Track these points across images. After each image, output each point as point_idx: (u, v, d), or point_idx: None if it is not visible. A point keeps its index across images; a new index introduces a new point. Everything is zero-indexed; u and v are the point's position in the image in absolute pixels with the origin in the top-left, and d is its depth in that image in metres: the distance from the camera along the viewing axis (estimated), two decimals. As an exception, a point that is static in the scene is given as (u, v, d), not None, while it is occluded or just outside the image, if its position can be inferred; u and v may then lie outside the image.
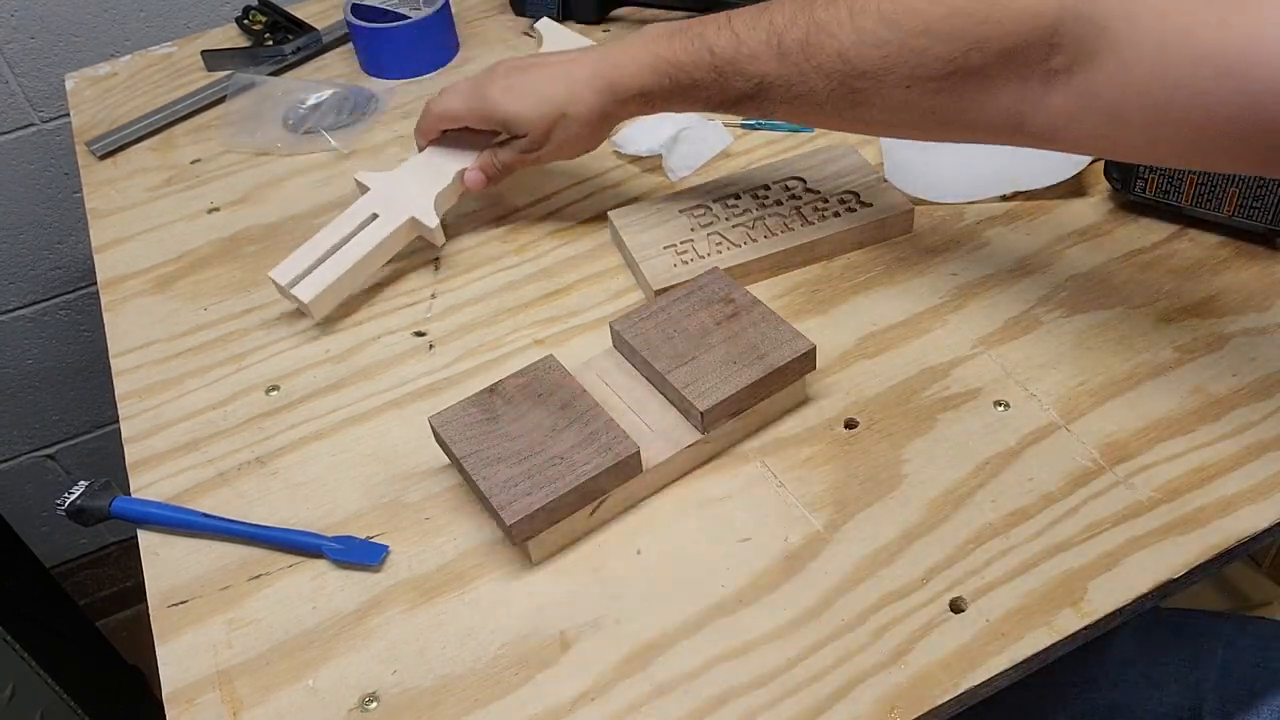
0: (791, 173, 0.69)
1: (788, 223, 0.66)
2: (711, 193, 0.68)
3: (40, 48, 0.99)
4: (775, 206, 0.67)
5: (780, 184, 0.69)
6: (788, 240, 0.65)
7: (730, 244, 0.65)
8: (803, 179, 0.69)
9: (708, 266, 0.61)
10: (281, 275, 0.65)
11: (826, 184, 0.68)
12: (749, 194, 0.68)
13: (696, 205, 0.68)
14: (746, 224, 0.66)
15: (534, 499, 0.49)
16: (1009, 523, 0.51)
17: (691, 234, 0.66)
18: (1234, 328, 0.59)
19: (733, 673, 0.47)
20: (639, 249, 0.65)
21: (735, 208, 0.67)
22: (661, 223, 0.67)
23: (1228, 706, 0.59)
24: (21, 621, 0.99)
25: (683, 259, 0.64)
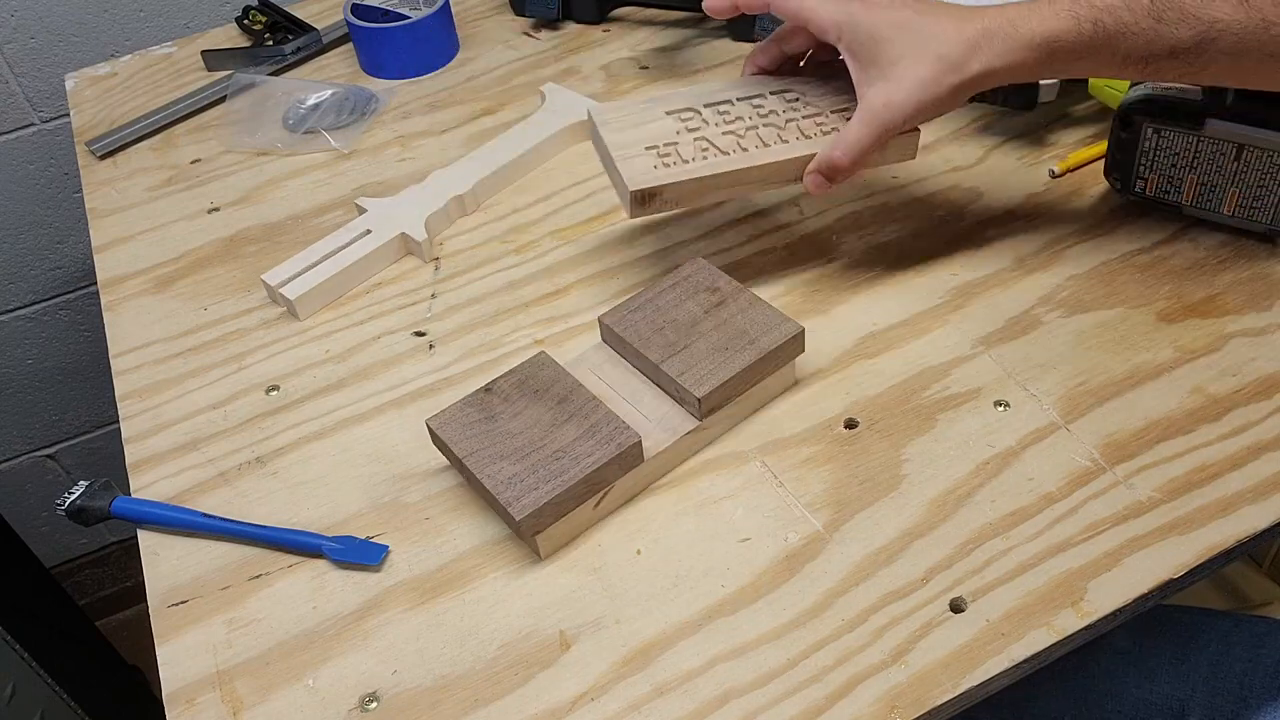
0: (790, 84, 0.64)
1: (782, 134, 0.60)
2: (702, 97, 0.63)
3: (40, 48, 0.98)
4: (771, 117, 0.61)
5: (777, 95, 0.63)
6: (780, 153, 0.59)
7: (718, 150, 0.59)
8: (803, 93, 0.63)
9: (691, 172, 0.57)
10: (272, 278, 0.67)
11: (825, 100, 0.63)
12: (744, 101, 0.62)
13: (685, 109, 0.62)
14: (737, 132, 0.60)
15: (541, 493, 0.49)
16: (1009, 523, 0.51)
17: (677, 137, 0.60)
18: (1234, 328, 0.59)
19: (733, 673, 0.47)
20: (617, 147, 0.59)
21: (727, 114, 0.62)
22: (645, 122, 0.61)
23: (1217, 700, 0.59)
24: (21, 621, 0.99)
25: (664, 160, 0.58)
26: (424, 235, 0.69)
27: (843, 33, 0.55)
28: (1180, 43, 0.51)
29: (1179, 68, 0.52)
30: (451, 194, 0.72)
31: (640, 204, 0.57)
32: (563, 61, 0.87)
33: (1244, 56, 0.50)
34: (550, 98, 0.80)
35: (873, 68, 0.55)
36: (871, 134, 0.55)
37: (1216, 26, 0.50)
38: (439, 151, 0.79)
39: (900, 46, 0.54)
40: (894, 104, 0.54)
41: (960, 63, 0.53)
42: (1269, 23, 0.49)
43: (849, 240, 0.67)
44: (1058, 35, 0.52)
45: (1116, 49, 0.52)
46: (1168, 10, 0.50)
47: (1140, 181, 0.65)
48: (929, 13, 0.54)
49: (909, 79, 0.54)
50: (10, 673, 0.95)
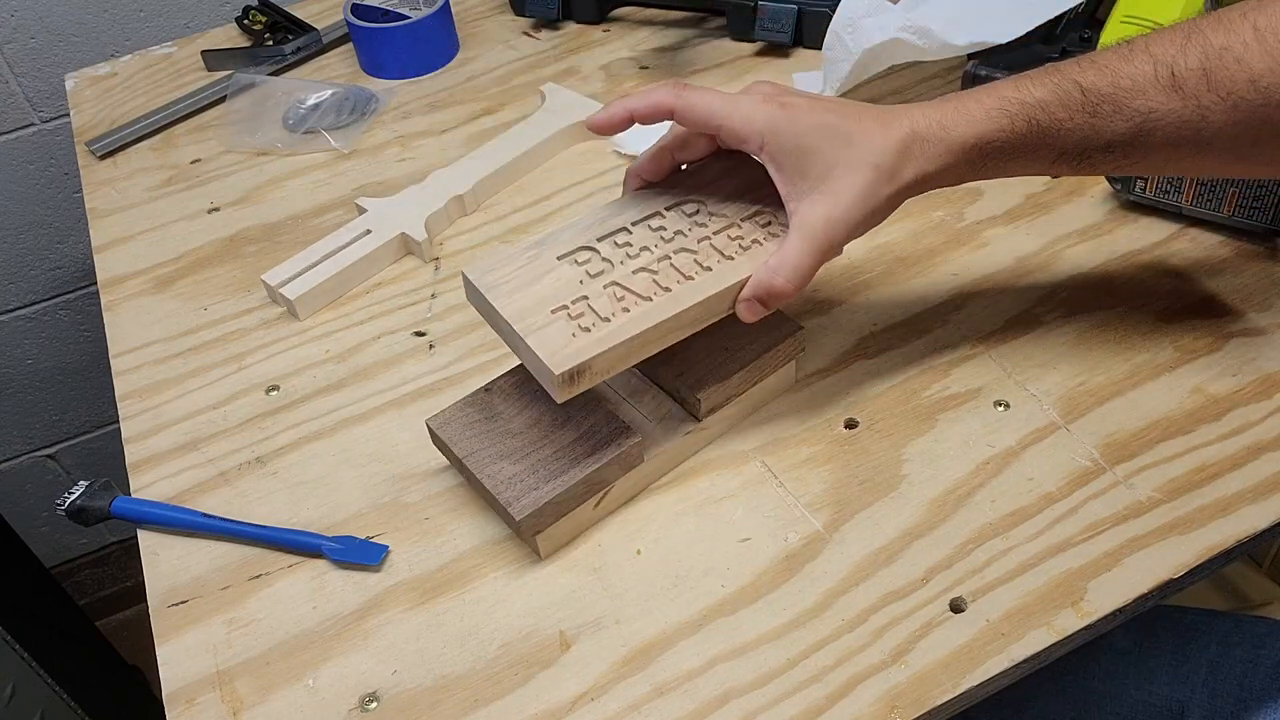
0: (685, 194, 0.54)
1: (699, 260, 0.51)
2: (593, 230, 0.52)
3: (40, 48, 0.98)
4: (679, 239, 0.52)
5: (675, 210, 0.53)
6: (710, 285, 0.50)
7: (638, 297, 0.49)
8: (702, 201, 0.54)
9: (618, 333, 0.47)
10: (272, 278, 0.67)
11: (731, 205, 0.53)
12: (641, 226, 0.52)
13: (579, 249, 0.51)
14: (649, 267, 0.50)
15: (541, 493, 0.49)
16: (1009, 523, 0.51)
17: (582, 287, 0.49)
18: (1234, 328, 0.59)
19: (733, 673, 0.47)
20: (519, 318, 0.48)
21: (629, 247, 0.51)
22: (539, 276, 0.49)
23: (1216, 700, 0.59)
24: (21, 621, 0.99)
25: (580, 324, 0.48)
26: (424, 235, 0.69)
27: (765, 142, 0.49)
28: (1116, 136, 0.49)
29: (1115, 160, 0.50)
30: (451, 194, 0.72)
31: (568, 385, 0.47)
32: (563, 61, 0.87)
33: (1181, 146, 0.49)
34: (550, 98, 0.80)
35: (802, 180, 0.49)
36: (813, 254, 0.49)
37: (1152, 118, 0.48)
38: (439, 151, 0.79)
39: (830, 155, 0.49)
40: (835, 220, 0.49)
41: (893, 170, 0.49)
42: (1205, 109, 0.47)
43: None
44: (990, 137, 0.49)
45: (1052, 146, 0.50)
46: (1102, 104, 0.48)
47: (1140, 181, 0.65)
48: (853, 116, 0.50)
49: (847, 192, 0.49)
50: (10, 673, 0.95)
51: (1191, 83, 0.47)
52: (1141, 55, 0.48)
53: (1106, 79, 0.48)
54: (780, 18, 0.83)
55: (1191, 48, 0.47)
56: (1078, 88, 0.49)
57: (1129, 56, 0.48)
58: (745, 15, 0.85)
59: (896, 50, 0.73)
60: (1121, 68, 0.48)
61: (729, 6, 0.86)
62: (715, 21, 0.90)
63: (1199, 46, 0.47)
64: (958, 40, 0.70)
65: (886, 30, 0.72)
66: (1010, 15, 0.70)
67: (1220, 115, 0.47)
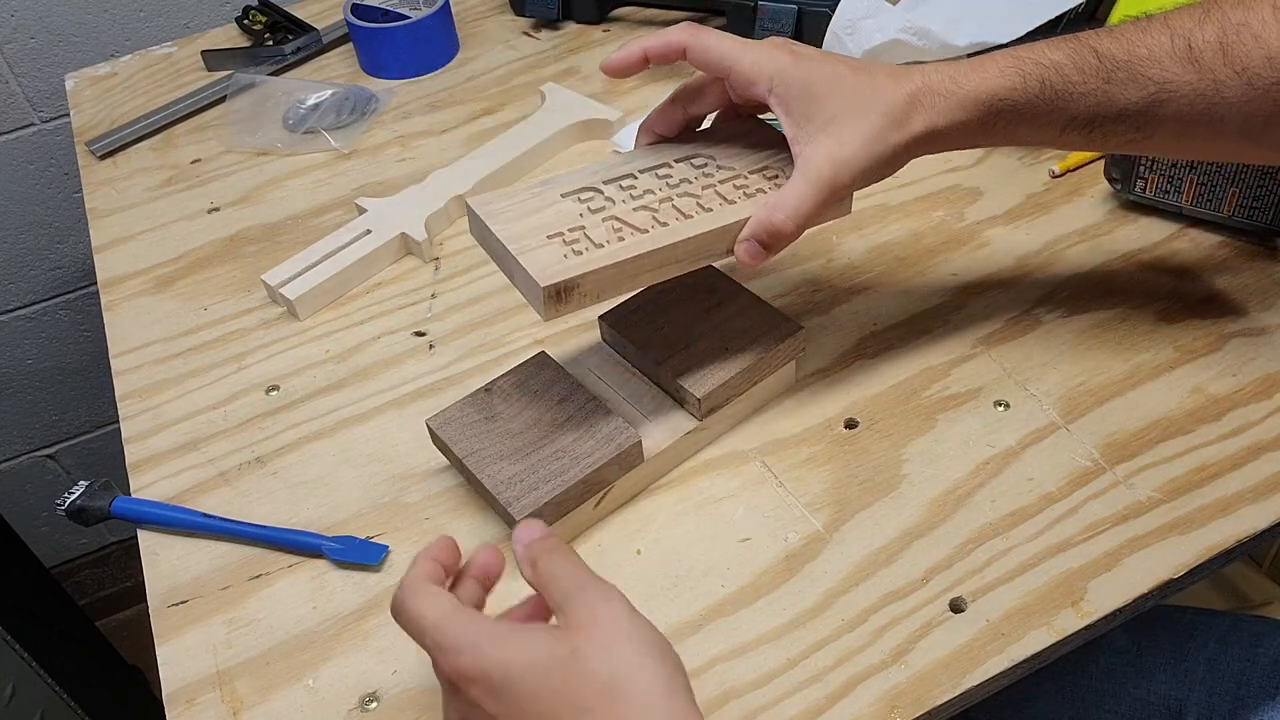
0: (694, 149, 0.55)
1: (701, 203, 0.51)
2: (600, 174, 0.53)
3: (40, 48, 0.98)
4: (684, 185, 0.52)
5: (684, 162, 0.54)
6: (706, 223, 0.50)
7: (633, 229, 0.50)
8: (712, 156, 0.55)
9: (609, 256, 0.48)
10: (272, 278, 0.67)
11: (739, 160, 0.54)
12: (648, 173, 0.53)
13: (583, 189, 0.52)
14: (650, 206, 0.51)
15: (540, 493, 0.49)
16: (1009, 523, 0.51)
17: (581, 220, 0.50)
18: (1234, 328, 0.59)
19: (733, 672, 0.47)
20: (514, 240, 0.49)
21: (633, 189, 0.52)
22: (540, 209, 0.51)
23: (1214, 699, 0.59)
24: (21, 621, 0.99)
25: (574, 248, 0.48)
26: (424, 235, 0.69)
27: (774, 85, 0.49)
28: (1129, 105, 0.48)
29: (1127, 132, 0.50)
30: (451, 194, 0.72)
31: (555, 301, 0.47)
32: (563, 61, 0.87)
33: (1193, 121, 0.48)
34: (550, 98, 0.80)
35: (809, 124, 0.49)
36: (816, 194, 0.48)
37: (1166, 88, 0.47)
38: (439, 151, 0.79)
39: (838, 101, 0.48)
40: (839, 160, 0.48)
41: (902, 120, 0.48)
42: (1220, 84, 0.47)
43: (849, 240, 0.67)
44: (1002, 94, 0.49)
45: (1064, 110, 0.49)
46: (1117, 71, 0.48)
47: (1140, 181, 0.65)
48: (864, 69, 0.50)
49: (853, 135, 0.48)
50: (10, 673, 0.95)
51: (1208, 56, 0.47)
52: (1159, 27, 0.48)
53: (1123, 46, 0.48)
54: (780, 18, 0.83)
55: (1210, 22, 0.47)
56: (1093, 53, 0.48)
57: (1147, 28, 0.48)
58: (745, 15, 0.85)
59: (896, 51, 0.73)
60: (1139, 37, 0.48)
61: (729, 6, 0.86)
62: (715, 21, 0.90)
63: (1217, 21, 0.47)
64: (958, 41, 0.70)
65: (886, 31, 0.72)
66: (1010, 15, 0.70)
67: (1235, 91, 0.46)
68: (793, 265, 0.66)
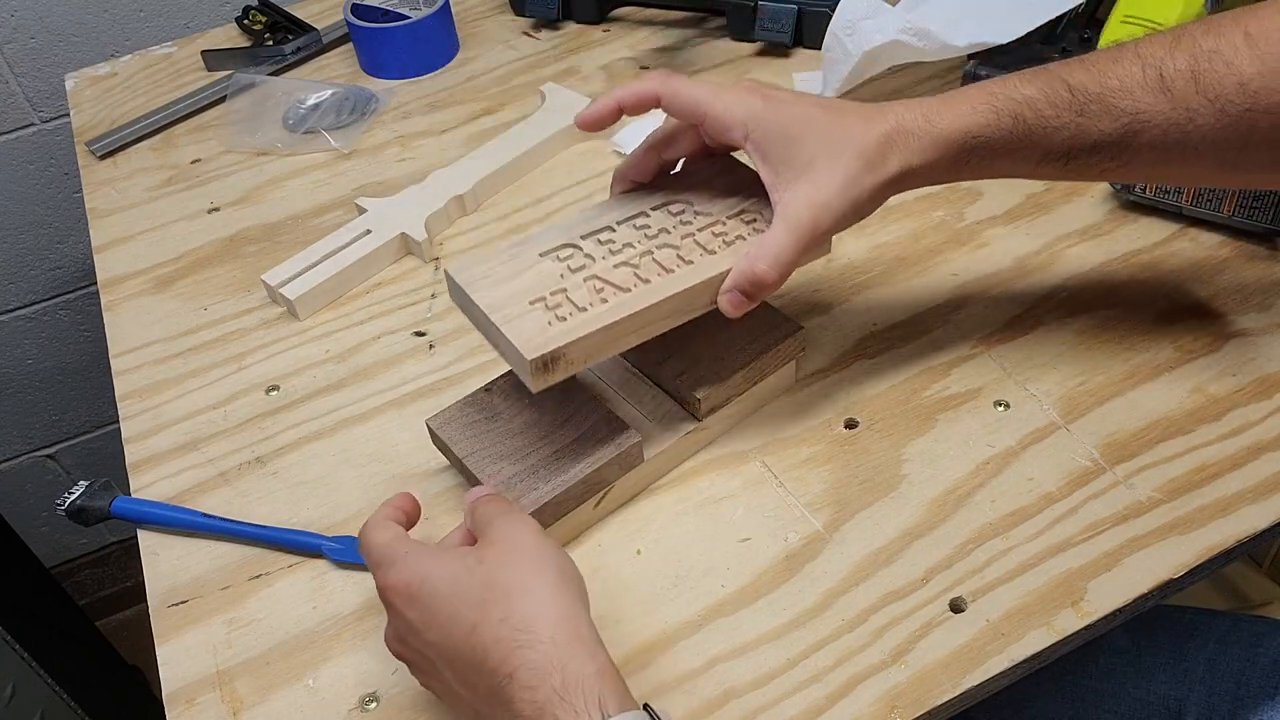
0: (670, 195, 0.54)
1: (682, 255, 0.50)
2: (577, 229, 0.52)
3: (40, 48, 0.98)
4: (662, 236, 0.51)
5: (661, 210, 0.53)
6: (689, 277, 0.49)
7: (616, 288, 0.49)
8: (688, 201, 0.54)
9: (593, 321, 0.47)
10: (272, 278, 0.67)
11: (716, 205, 0.53)
12: (625, 225, 0.52)
13: (561, 246, 0.51)
14: (631, 261, 0.50)
15: (540, 493, 0.49)
16: (1009, 523, 0.51)
17: (562, 280, 0.49)
18: (1234, 328, 0.59)
19: (733, 672, 0.47)
20: (496, 308, 0.48)
21: (611, 243, 0.51)
22: (519, 272, 0.49)
23: (1214, 699, 0.60)
24: (21, 621, 0.99)
25: (557, 314, 0.47)
26: (424, 235, 0.69)
27: (750, 131, 0.49)
28: (1104, 137, 0.48)
29: (1102, 163, 0.50)
30: (451, 194, 0.72)
31: (543, 372, 0.46)
32: (563, 61, 0.87)
33: (1168, 149, 0.48)
34: (550, 98, 0.80)
35: (786, 169, 0.49)
36: (797, 242, 0.48)
37: (1140, 118, 0.47)
38: (439, 151, 0.79)
39: (813, 145, 0.48)
40: (818, 205, 0.48)
41: (877, 161, 0.48)
42: (1193, 112, 0.47)
43: (849, 240, 0.67)
44: (975, 131, 0.48)
45: (1038, 144, 0.49)
46: (1090, 103, 0.48)
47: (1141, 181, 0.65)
48: (836, 110, 0.50)
49: (830, 180, 0.48)
50: (10, 673, 0.95)
51: (1180, 84, 0.47)
52: (1131, 57, 0.48)
53: (1095, 78, 0.48)
54: (780, 18, 0.83)
55: (1181, 50, 0.47)
56: (1065, 86, 0.48)
57: (1118, 58, 0.48)
58: (745, 15, 0.85)
59: (896, 51, 0.73)
60: (1110, 68, 0.48)
61: (729, 6, 0.86)
62: (715, 21, 0.90)
63: (1188, 49, 0.47)
64: (958, 41, 0.70)
65: (886, 32, 0.72)
66: (1010, 15, 0.70)
67: (1207, 118, 0.47)
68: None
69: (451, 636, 0.40)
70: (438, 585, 0.41)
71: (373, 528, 0.45)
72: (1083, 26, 0.72)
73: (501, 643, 0.39)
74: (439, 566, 0.42)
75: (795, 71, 0.83)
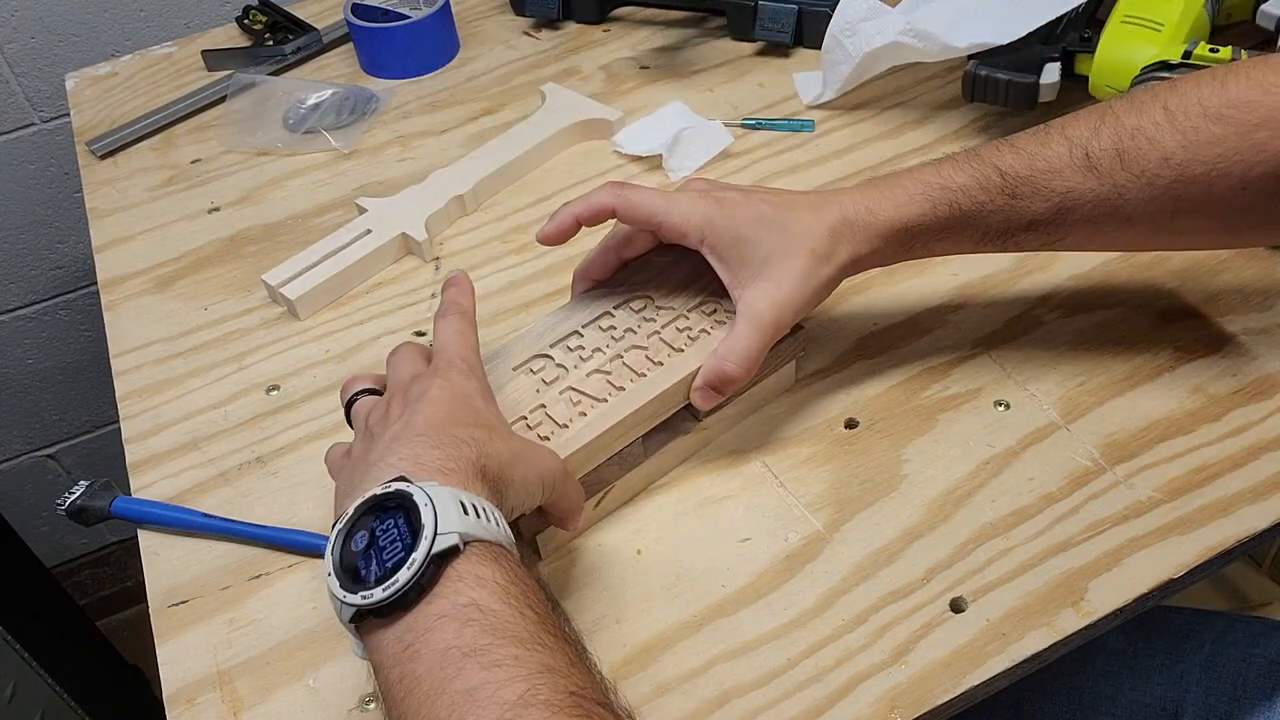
0: (632, 290, 0.56)
1: (650, 355, 0.52)
2: (545, 337, 0.54)
3: (40, 48, 0.98)
4: (629, 337, 0.53)
5: (624, 308, 0.55)
6: (662, 380, 0.51)
7: (593, 400, 0.51)
8: (649, 296, 0.55)
9: (576, 439, 0.49)
10: (273, 278, 0.67)
11: (678, 297, 0.55)
12: (591, 327, 0.54)
13: (534, 358, 0.53)
14: (603, 369, 0.52)
15: None
16: (1009, 523, 0.51)
17: (539, 395, 0.51)
18: (1234, 328, 0.59)
19: (733, 673, 0.47)
20: None
21: (581, 350, 0.53)
22: (495, 390, 0.51)
23: (1211, 700, 0.60)
24: (21, 621, 0.99)
25: (539, 434, 0.49)
26: (424, 235, 0.69)
27: (705, 236, 0.52)
28: (1037, 215, 0.51)
29: (1039, 238, 0.52)
30: (451, 194, 0.72)
31: None
32: (563, 61, 0.87)
33: (1101, 222, 0.50)
34: (550, 98, 0.81)
35: (744, 268, 0.51)
36: (761, 338, 0.51)
37: (1070, 197, 0.50)
38: (439, 151, 0.79)
39: (767, 244, 0.51)
40: (779, 303, 0.51)
41: (828, 253, 0.51)
42: (1120, 187, 0.49)
43: (849, 240, 0.67)
44: (913, 221, 0.51)
45: (975, 227, 0.52)
46: (1021, 186, 0.50)
47: (1140, 181, 0.65)
48: (786, 205, 0.52)
49: (787, 276, 0.51)
50: (10, 673, 0.95)
51: (1106, 163, 0.49)
52: (1058, 138, 0.50)
53: (1024, 162, 0.50)
54: (780, 17, 0.83)
55: (1105, 129, 0.49)
56: (997, 171, 0.51)
57: (1045, 140, 0.51)
58: (745, 15, 0.85)
59: (897, 53, 0.73)
60: (1038, 150, 0.50)
61: (729, 6, 0.86)
62: (715, 21, 0.90)
63: (1112, 128, 0.49)
64: (958, 42, 0.70)
65: (886, 34, 0.72)
66: (1011, 16, 0.70)
67: (1136, 192, 0.49)
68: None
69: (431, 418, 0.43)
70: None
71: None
72: (1083, 26, 0.72)
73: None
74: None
75: (795, 72, 0.83)
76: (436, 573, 0.36)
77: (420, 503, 0.37)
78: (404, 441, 0.41)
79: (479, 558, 0.37)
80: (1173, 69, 0.64)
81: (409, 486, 0.38)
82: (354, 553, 0.38)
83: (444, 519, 0.37)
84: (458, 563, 0.37)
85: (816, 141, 0.76)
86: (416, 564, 0.36)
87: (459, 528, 0.37)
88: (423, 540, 0.36)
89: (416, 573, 0.36)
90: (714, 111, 0.79)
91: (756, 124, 0.78)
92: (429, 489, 0.38)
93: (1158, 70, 0.65)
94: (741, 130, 0.78)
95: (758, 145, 0.76)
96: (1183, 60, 0.64)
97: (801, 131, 0.77)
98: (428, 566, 0.36)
